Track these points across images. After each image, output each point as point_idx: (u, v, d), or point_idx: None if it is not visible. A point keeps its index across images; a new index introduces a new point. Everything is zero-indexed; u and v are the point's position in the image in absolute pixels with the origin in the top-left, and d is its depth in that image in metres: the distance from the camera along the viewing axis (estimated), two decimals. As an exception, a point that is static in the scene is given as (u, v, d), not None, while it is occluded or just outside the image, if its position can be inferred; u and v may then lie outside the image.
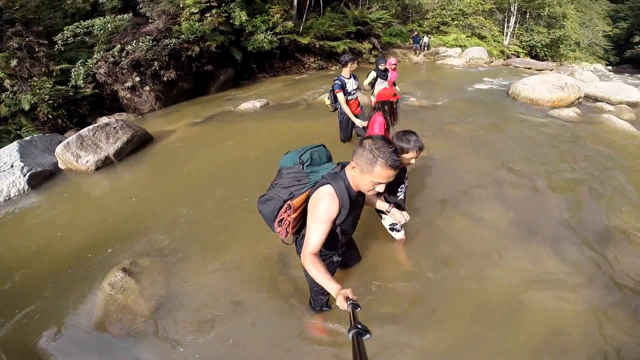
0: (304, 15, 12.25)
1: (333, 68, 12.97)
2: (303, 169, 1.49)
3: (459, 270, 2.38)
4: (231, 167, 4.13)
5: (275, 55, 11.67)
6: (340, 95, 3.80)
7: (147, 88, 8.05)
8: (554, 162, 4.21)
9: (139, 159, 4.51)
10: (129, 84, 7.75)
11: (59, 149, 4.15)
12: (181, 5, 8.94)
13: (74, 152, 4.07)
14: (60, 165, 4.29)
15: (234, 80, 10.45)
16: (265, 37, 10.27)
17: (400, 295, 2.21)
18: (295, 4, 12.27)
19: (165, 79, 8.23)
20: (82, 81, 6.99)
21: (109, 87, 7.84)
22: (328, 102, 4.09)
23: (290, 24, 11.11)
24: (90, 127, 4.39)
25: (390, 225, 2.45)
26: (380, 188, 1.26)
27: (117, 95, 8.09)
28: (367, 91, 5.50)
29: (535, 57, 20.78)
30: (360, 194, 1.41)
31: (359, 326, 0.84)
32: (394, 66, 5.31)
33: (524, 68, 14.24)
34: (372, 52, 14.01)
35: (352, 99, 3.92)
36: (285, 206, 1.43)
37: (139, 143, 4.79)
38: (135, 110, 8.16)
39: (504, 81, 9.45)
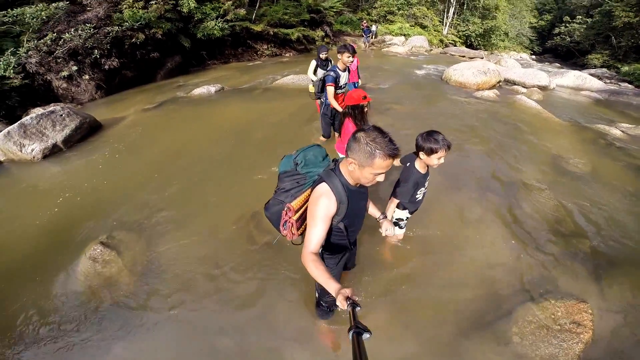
0: (257, 3, 12.16)
1: (287, 55, 13.11)
2: (297, 170, 1.51)
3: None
4: (193, 149, 4.23)
5: (227, 42, 11.48)
6: (330, 89, 3.48)
7: (87, 77, 7.58)
8: (474, 131, 5.07)
9: (91, 146, 4.37)
10: (64, 73, 7.23)
11: (-2, 138, 3.91)
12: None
13: (17, 141, 3.88)
14: (-1, 157, 4.05)
15: (181, 67, 10.15)
16: (216, 25, 10.09)
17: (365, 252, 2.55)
18: (245, -10, 12.16)
19: (106, 67, 7.84)
20: (11, 71, 6.42)
21: (41, 77, 7.25)
22: (313, 89, 3.86)
23: (242, 11, 11.02)
24: (34, 115, 4.17)
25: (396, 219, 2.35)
26: (381, 178, 1.27)
27: (51, 86, 7.50)
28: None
29: (470, 46, 22.87)
30: (362, 186, 1.41)
31: (359, 326, 0.84)
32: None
33: (459, 56, 15.73)
34: (325, 39, 14.39)
35: (341, 93, 3.69)
36: (285, 209, 1.46)
37: (88, 130, 4.64)
38: (73, 100, 7.65)
39: (440, 67, 10.49)
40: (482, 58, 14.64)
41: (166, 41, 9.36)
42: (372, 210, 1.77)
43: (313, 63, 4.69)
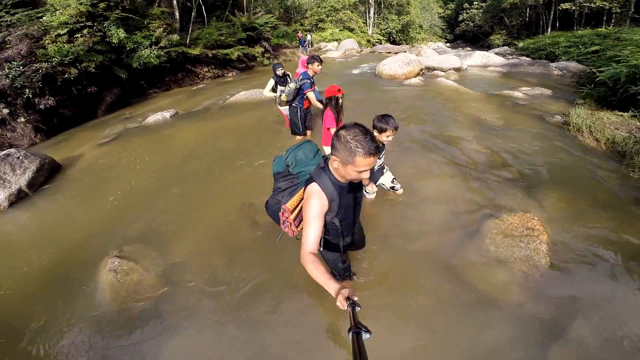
0: (190, 27, 12.29)
1: (230, 75, 13.31)
2: (289, 171, 1.58)
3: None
4: (168, 168, 4.36)
5: (165, 69, 11.40)
6: (311, 94, 4.00)
7: (22, 119, 7.11)
8: (409, 109, 6.01)
9: (57, 187, 4.24)
10: (-5, 119, 6.75)
11: (-45, 189, 3.65)
12: (44, 28, 8.05)
13: None
14: (-45, 212, 3.75)
15: (122, 99, 9.86)
16: (151, 53, 10.07)
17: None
18: (178, 16, 12.22)
19: (42, 107, 7.39)
20: None
21: (-33, 127, 6.68)
22: (285, 97, 4.29)
23: (175, 37, 11.10)
24: None
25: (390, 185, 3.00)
26: (365, 175, 1.26)
27: (-19, 135, 6.92)
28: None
29: (394, 42, 25.18)
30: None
31: (359, 326, 0.84)
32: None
33: (386, 53, 17.46)
34: (265, 54, 14.88)
35: (306, 98, 4.31)
36: (282, 210, 1.53)
37: (50, 172, 4.47)
38: (11, 147, 7.13)
39: (372, 64, 11.69)
40: (405, 52, 16.39)
41: (101, 74, 9.09)
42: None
43: (271, 81, 4.93)
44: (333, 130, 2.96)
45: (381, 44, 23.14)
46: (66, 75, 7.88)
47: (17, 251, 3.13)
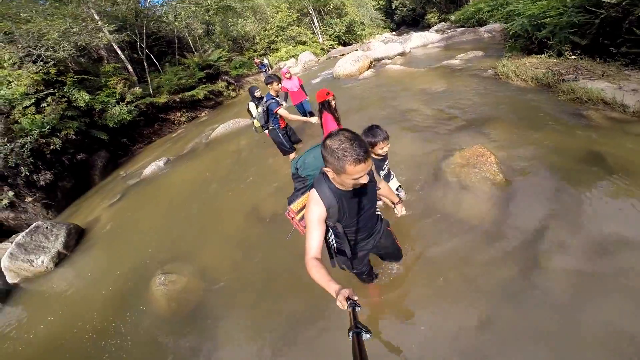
0: (147, 77, 12.66)
1: (203, 115, 13.83)
2: (298, 174, 1.61)
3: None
4: (179, 204, 5.07)
5: (140, 123, 11.75)
6: (282, 111, 3.90)
7: (29, 199, 7.60)
8: (369, 98, 7.04)
9: (89, 245, 4.86)
10: (5, 201, 7.16)
11: (5, 262, 4.28)
12: (9, 101, 8.27)
13: (25, 259, 4.26)
14: (11, 279, 4.34)
15: (112, 161, 10.32)
16: (121, 110, 10.39)
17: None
18: (131, 69, 12.52)
19: (42, 183, 7.76)
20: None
21: (-22, 216, 7.09)
22: (258, 124, 4.22)
23: (138, 89, 11.45)
24: (22, 234, 4.61)
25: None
26: (364, 180, 1.23)
27: (-4, 222, 7.34)
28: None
29: (345, 44, 26.49)
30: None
31: (359, 326, 0.85)
32: (289, 75, 5.92)
33: (340, 55, 18.65)
34: (230, 87, 15.47)
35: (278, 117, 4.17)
36: (288, 210, 1.59)
37: (78, 235, 5.12)
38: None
39: (330, 70, 12.78)
40: (356, 50, 17.65)
41: (83, 140, 9.51)
42: (386, 200, 2.02)
43: (252, 105, 4.94)
44: None
45: (334, 48, 24.31)
46: (52, 147, 8.22)
47: (82, 294, 3.80)
